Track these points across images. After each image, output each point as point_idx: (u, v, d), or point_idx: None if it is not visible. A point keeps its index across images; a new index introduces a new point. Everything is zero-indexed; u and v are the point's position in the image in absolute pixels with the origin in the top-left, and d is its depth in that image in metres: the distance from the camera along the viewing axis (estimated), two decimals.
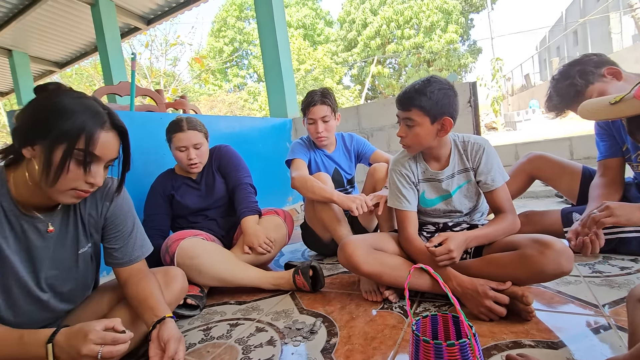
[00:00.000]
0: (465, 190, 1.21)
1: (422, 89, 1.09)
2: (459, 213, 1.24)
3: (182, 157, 1.51)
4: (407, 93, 1.11)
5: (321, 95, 1.65)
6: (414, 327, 0.65)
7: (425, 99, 1.08)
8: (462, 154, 1.20)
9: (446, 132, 1.13)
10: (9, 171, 0.78)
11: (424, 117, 1.09)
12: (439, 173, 1.21)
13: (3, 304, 0.78)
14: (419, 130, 1.11)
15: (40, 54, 6.23)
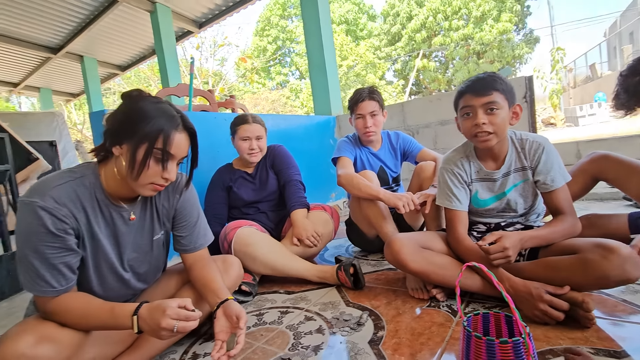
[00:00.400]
0: (521, 189, 1.17)
1: (495, 75, 1.08)
2: (514, 213, 1.20)
3: (244, 146, 1.65)
4: (484, 79, 1.09)
5: (369, 92, 1.69)
6: (465, 324, 0.66)
7: (503, 83, 1.07)
8: (519, 152, 1.15)
9: (518, 118, 1.11)
10: (101, 166, 0.90)
11: (504, 100, 1.07)
12: (494, 173, 1.18)
13: (95, 280, 0.91)
14: (502, 114, 1.07)
15: (107, 59, 6.85)
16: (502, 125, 1.08)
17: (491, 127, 1.07)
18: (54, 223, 0.79)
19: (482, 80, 1.09)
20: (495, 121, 1.07)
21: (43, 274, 0.79)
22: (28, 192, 0.80)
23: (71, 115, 14.70)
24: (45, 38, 5.68)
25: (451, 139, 2.58)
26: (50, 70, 7.06)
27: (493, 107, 1.06)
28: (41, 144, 4.43)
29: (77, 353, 0.82)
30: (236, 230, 1.44)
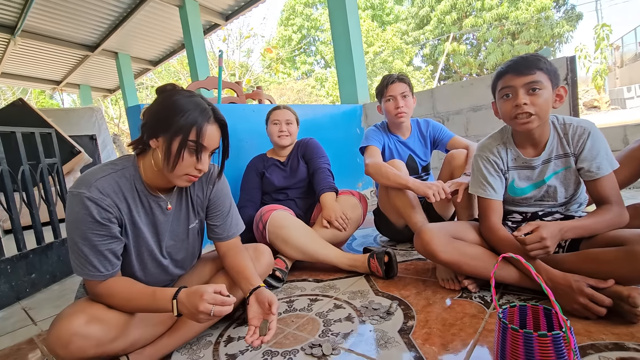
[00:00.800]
0: (562, 177, 1.11)
1: (537, 54, 1.02)
2: (553, 201, 1.14)
3: (274, 129, 1.76)
4: (527, 58, 1.03)
5: (398, 76, 1.67)
6: (501, 316, 0.65)
7: (547, 63, 1.01)
8: (561, 137, 1.09)
9: (562, 100, 1.05)
10: (139, 159, 0.95)
11: (548, 81, 1.01)
12: (533, 160, 1.12)
13: (137, 266, 0.97)
14: (545, 95, 1.01)
15: (139, 54, 7.11)
16: (545, 107, 1.02)
17: (533, 109, 1.01)
18: (99, 212, 0.84)
19: (525, 59, 1.03)
20: (538, 102, 1.01)
21: (91, 259, 0.85)
22: (75, 184, 0.85)
23: (108, 110, 15.46)
24: (82, 37, 5.97)
25: (484, 126, 2.48)
26: (89, 68, 7.43)
27: (536, 87, 1.00)
28: (82, 138, 4.71)
29: (123, 333, 0.88)
30: (271, 213, 1.49)
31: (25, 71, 7.40)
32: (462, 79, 15.26)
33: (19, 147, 1.85)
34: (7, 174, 1.75)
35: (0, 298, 1.60)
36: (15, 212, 1.78)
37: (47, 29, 5.54)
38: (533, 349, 0.59)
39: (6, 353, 1.18)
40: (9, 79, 7.66)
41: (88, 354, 0.81)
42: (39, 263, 1.82)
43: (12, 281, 1.66)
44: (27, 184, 1.88)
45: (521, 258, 0.65)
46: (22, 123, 2.39)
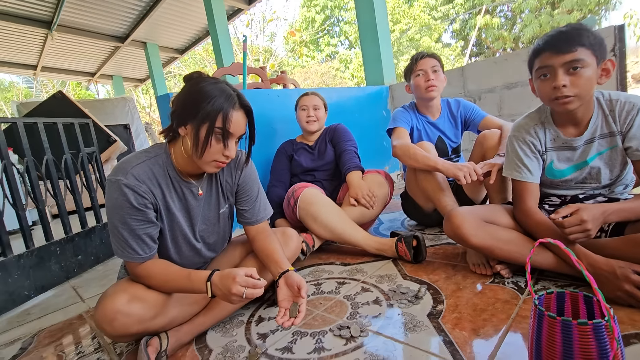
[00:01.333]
0: (607, 157, 1.03)
1: (581, 27, 0.92)
2: (596, 183, 1.07)
3: (302, 115, 1.82)
4: (567, 33, 0.93)
5: (427, 52, 1.63)
6: (537, 302, 0.62)
7: (592, 36, 0.91)
8: (607, 114, 1.01)
9: (609, 75, 0.95)
10: (171, 146, 0.98)
11: (592, 57, 0.92)
12: (575, 140, 1.04)
13: (172, 249, 1.02)
14: (588, 73, 0.92)
15: (166, 43, 7.25)
16: (587, 87, 0.94)
17: (573, 90, 0.93)
18: (136, 198, 0.88)
19: (565, 34, 0.93)
20: (579, 82, 0.93)
21: (130, 242, 0.89)
22: (113, 172, 0.89)
23: (139, 99, 16.02)
24: (113, 28, 6.16)
25: (519, 104, 2.34)
26: (120, 59, 7.69)
27: (577, 65, 0.92)
28: (117, 127, 4.93)
29: (162, 311, 0.93)
30: (303, 189, 1.54)
31: (63, 64, 7.77)
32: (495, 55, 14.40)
33: (60, 137, 1.96)
34: (52, 163, 1.87)
35: (52, 277, 1.74)
36: (61, 198, 1.90)
37: (81, 22, 5.75)
38: (572, 337, 0.56)
39: (60, 327, 1.29)
40: (49, 72, 8.09)
41: (131, 331, 0.87)
42: (84, 245, 1.96)
43: (61, 262, 1.80)
44: (70, 171, 2.00)
45: (560, 243, 0.61)
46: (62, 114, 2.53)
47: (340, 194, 1.80)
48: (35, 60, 7.21)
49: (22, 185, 1.86)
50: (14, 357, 1.12)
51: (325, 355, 0.86)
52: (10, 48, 6.41)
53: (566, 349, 0.57)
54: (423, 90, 1.61)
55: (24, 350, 1.16)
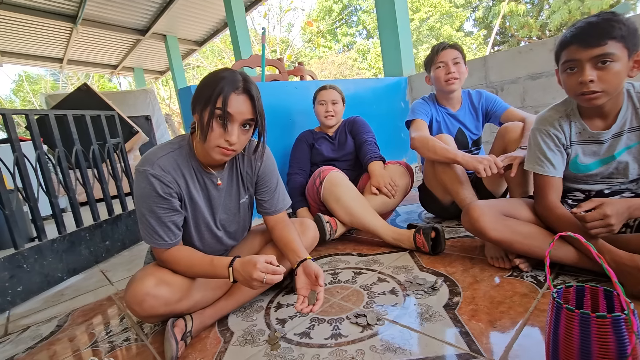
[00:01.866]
0: (636, 152, 1.00)
1: (614, 17, 0.87)
2: (623, 179, 1.04)
3: (321, 110, 1.85)
4: (597, 24, 0.89)
5: (449, 43, 1.60)
6: (555, 295, 0.62)
7: (624, 27, 0.86)
8: (637, 107, 0.97)
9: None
10: (193, 137, 1.01)
11: (623, 49, 0.88)
12: (602, 133, 1.01)
13: (195, 236, 1.06)
14: (616, 67, 0.88)
15: (186, 36, 7.35)
16: (616, 82, 0.90)
17: (600, 85, 0.90)
18: (162, 187, 0.92)
19: (594, 26, 0.89)
20: (607, 77, 0.89)
21: (157, 229, 0.94)
22: (140, 162, 0.93)
23: (159, 91, 16.34)
24: (134, 21, 6.29)
25: (543, 96, 2.27)
26: (141, 51, 7.85)
27: (606, 59, 0.88)
28: (139, 119, 5.07)
29: (187, 295, 0.98)
30: (330, 171, 1.60)
31: (87, 57, 8.01)
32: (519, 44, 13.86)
33: (88, 129, 2.05)
34: (81, 153, 1.96)
35: (83, 261, 1.84)
36: (89, 186, 1.99)
37: (104, 16, 5.90)
38: (590, 331, 0.56)
39: (91, 307, 1.38)
40: (74, 65, 8.36)
41: (159, 312, 0.92)
42: (111, 232, 2.05)
43: (90, 247, 1.90)
44: (97, 161, 2.09)
45: (580, 237, 0.61)
46: (87, 106, 2.63)
47: (360, 183, 1.82)
48: (62, 54, 7.46)
49: (53, 174, 1.96)
50: (52, 334, 1.20)
51: (342, 341, 0.88)
52: (37, 42, 6.65)
53: (584, 343, 0.57)
54: (443, 83, 1.58)
55: (60, 327, 1.24)
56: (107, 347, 1.05)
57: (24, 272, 1.54)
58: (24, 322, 1.33)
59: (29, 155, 1.69)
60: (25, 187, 1.61)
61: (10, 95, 18.74)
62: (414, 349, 0.82)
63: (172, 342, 0.88)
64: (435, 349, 0.80)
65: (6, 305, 1.46)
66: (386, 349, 0.83)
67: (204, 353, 0.93)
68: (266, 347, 0.91)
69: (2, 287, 1.45)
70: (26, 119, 1.70)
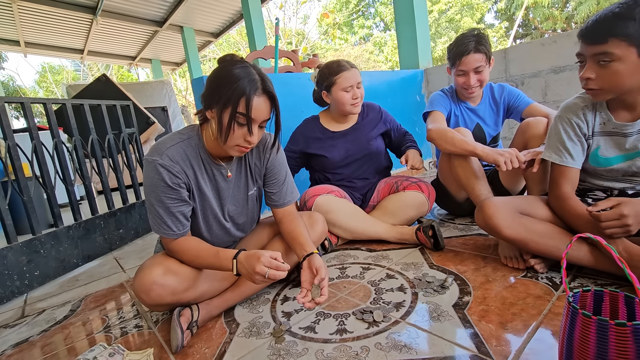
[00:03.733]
0: None
1: (626, 11, 0.82)
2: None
3: (346, 97, 1.50)
4: (602, 20, 0.86)
5: (476, 42, 1.43)
6: (571, 299, 0.59)
7: (633, 24, 0.82)
8: None
9: None
10: (202, 128, 1.01)
11: (628, 48, 0.84)
12: (627, 125, 0.96)
13: (204, 227, 1.07)
14: (619, 67, 0.86)
15: (202, 27, 7.39)
16: (616, 81, 0.87)
17: (598, 83, 0.89)
18: (170, 178, 0.92)
19: (597, 23, 0.86)
20: (606, 76, 0.87)
21: (165, 219, 0.94)
22: (149, 152, 0.94)
23: (176, 83, 16.56)
24: (152, 12, 6.35)
25: (567, 90, 2.18)
26: (158, 43, 7.95)
27: (605, 59, 0.85)
28: (155, 110, 5.14)
29: (193, 285, 0.98)
30: (315, 199, 1.45)
31: (106, 48, 8.17)
32: (543, 36, 13.37)
33: (104, 119, 2.08)
34: (97, 142, 1.99)
35: (97, 248, 1.89)
36: (104, 175, 2.03)
37: (122, 7, 5.98)
38: (607, 339, 0.53)
39: (104, 294, 1.41)
40: (94, 56, 8.54)
41: (166, 301, 0.93)
42: (125, 220, 2.09)
43: (105, 234, 1.94)
44: (112, 151, 2.13)
45: (601, 240, 0.57)
46: (105, 96, 2.67)
47: (374, 195, 1.65)
48: (82, 45, 7.63)
49: (70, 163, 2.01)
50: (65, 318, 1.24)
51: (347, 337, 0.87)
52: (59, 33, 6.82)
53: (600, 351, 0.54)
54: (463, 90, 1.54)
55: (73, 312, 1.28)
56: (116, 332, 1.08)
57: (41, 257, 1.59)
58: (39, 306, 1.38)
59: (48, 143, 1.73)
60: (42, 174, 1.65)
61: (34, 86, 19.36)
62: (420, 348, 0.80)
63: (177, 331, 0.88)
64: (442, 349, 0.78)
65: (24, 289, 1.51)
66: (392, 347, 0.81)
67: (209, 343, 0.94)
68: (271, 340, 0.91)
69: (20, 271, 1.50)
70: (44, 107, 1.74)
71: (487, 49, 1.46)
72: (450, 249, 1.34)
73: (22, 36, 6.75)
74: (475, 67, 1.45)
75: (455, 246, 1.36)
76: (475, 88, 1.50)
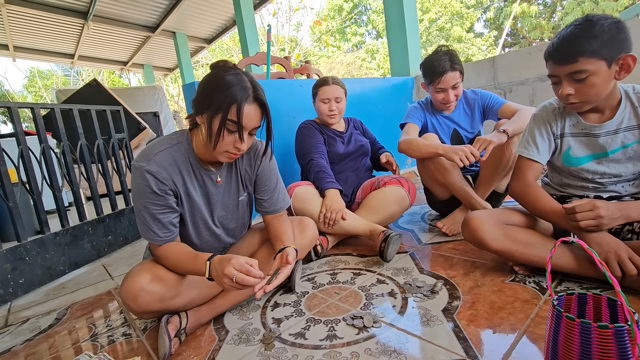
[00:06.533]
0: (632, 151, 0.98)
1: (587, 31, 0.87)
2: (616, 178, 1.02)
3: (324, 108, 1.70)
4: (567, 41, 0.90)
5: (450, 61, 1.53)
6: (556, 303, 0.60)
7: (597, 41, 0.86)
8: (637, 106, 0.96)
9: (629, 71, 0.90)
10: (192, 133, 1.01)
11: (598, 61, 0.88)
12: (596, 126, 1.01)
13: (193, 234, 1.06)
14: (595, 80, 0.90)
15: (195, 33, 7.39)
16: (595, 92, 0.92)
17: (580, 97, 0.93)
18: (157, 184, 0.92)
19: (565, 44, 0.90)
20: (585, 90, 0.92)
21: (151, 225, 0.94)
22: (137, 158, 0.93)
23: (168, 88, 16.49)
24: (144, 18, 6.34)
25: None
26: (150, 48, 7.92)
27: (581, 76, 0.90)
28: (147, 115, 5.10)
29: (182, 292, 0.97)
30: (294, 189, 1.51)
31: (98, 53, 8.11)
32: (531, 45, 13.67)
33: (93, 124, 2.06)
34: (86, 148, 1.97)
35: (85, 255, 1.86)
36: (93, 181, 2.01)
37: (114, 12, 5.96)
38: (591, 341, 0.54)
39: (90, 301, 1.38)
40: (85, 61, 8.47)
41: (153, 308, 0.92)
42: (114, 226, 2.06)
43: (93, 241, 1.91)
44: (101, 156, 2.10)
45: (583, 243, 0.59)
46: (96, 102, 2.65)
47: (359, 193, 1.71)
48: (73, 49, 7.56)
49: (58, 168, 1.98)
50: (50, 326, 1.21)
51: (337, 343, 0.87)
52: (49, 37, 6.75)
53: (584, 353, 0.55)
54: (441, 105, 1.64)
55: (59, 320, 1.25)
56: (102, 341, 1.05)
57: (26, 265, 1.55)
58: (24, 314, 1.35)
59: (36, 149, 1.70)
60: (29, 180, 1.63)
61: (23, 91, 19.08)
62: (409, 353, 0.80)
63: (165, 339, 0.87)
64: (431, 354, 0.79)
65: (8, 297, 1.47)
66: (381, 352, 0.81)
67: (197, 350, 0.93)
68: (260, 347, 0.90)
69: (4, 278, 1.46)
70: (32, 112, 1.71)
71: (460, 66, 1.56)
72: (440, 254, 1.35)
73: (11, 40, 6.68)
74: (453, 85, 1.56)
75: (445, 251, 1.37)
76: (452, 102, 1.61)
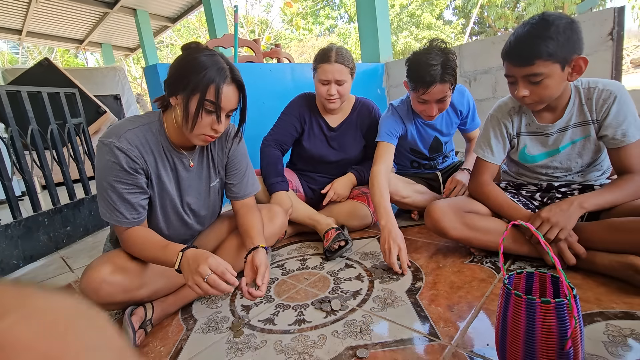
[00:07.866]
0: (580, 146, 1.06)
1: (543, 31, 0.89)
2: (567, 172, 1.10)
3: (322, 90, 1.43)
4: (524, 43, 0.91)
5: (442, 70, 1.21)
6: (506, 281, 0.65)
7: (553, 43, 0.88)
8: (583, 103, 1.02)
9: (581, 72, 0.94)
10: (164, 115, 0.96)
11: (553, 65, 0.90)
12: (549, 126, 1.07)
13: (161, 219, 1.02)
14: (549, 82, 0.93)
15: (158, 11, 6.96)
16: (550, 93, 0.96)
17: (533, 98, 0.97)
18: (128, 162, 0.87)
19: (522, 46, 0.92)
20: (540, 91, 0.95)
21: (118, 206, 0.89)
22: (106, 134, 0.88)
23: (130, 70, 15.55)
24: None
25: None
26: (109, 26, 7.38)
27: (536, 79, 0.93)
28: (107, 98, 4.80)
29: (146, 282, 0.95)
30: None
31: (49, 29, 7.45)
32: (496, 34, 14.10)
33: (45, 107, 1.92)
34: (37, 133, 1.83)
35: (41, 247, 1.75)
36: (47, 169, 1.88)
37: None
38: (535, 315, 0.59)
39: None
40: (34, 37, 7.76)
41: (117, 299, 0.89)
42: (72, 217, 1.96)
43: (50, 232, 1.81)
44: (56, 142, 1.97)
45: (530, 226, 0.63)
46: (48, 83, 2.45)
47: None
48: (20, 25, 6.90)
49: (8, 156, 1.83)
50: None
51: (306, 327, 0.89)
52: None
53: (529, 326, 0.60)
54: (421, 115, 1.41)
55: None
56: None
57: None
58: None
59: None
60: None
61: None
62: (374, 333, 0.83)
63: (129, 331, 0.85)
64: (395, 333, 0.83)
65: None
66: (348, 334, 0.84)
67: (165, 341, 0.92)
68: (229, 334, 0.90)
69: None
70: None
71: (452, 77, 1.25)
72: (406, 238, 1.37)
73: None
74: (440, 97, 1.28)
75: (411, 235, 1.42)
76: (435, 116, 1.36)
